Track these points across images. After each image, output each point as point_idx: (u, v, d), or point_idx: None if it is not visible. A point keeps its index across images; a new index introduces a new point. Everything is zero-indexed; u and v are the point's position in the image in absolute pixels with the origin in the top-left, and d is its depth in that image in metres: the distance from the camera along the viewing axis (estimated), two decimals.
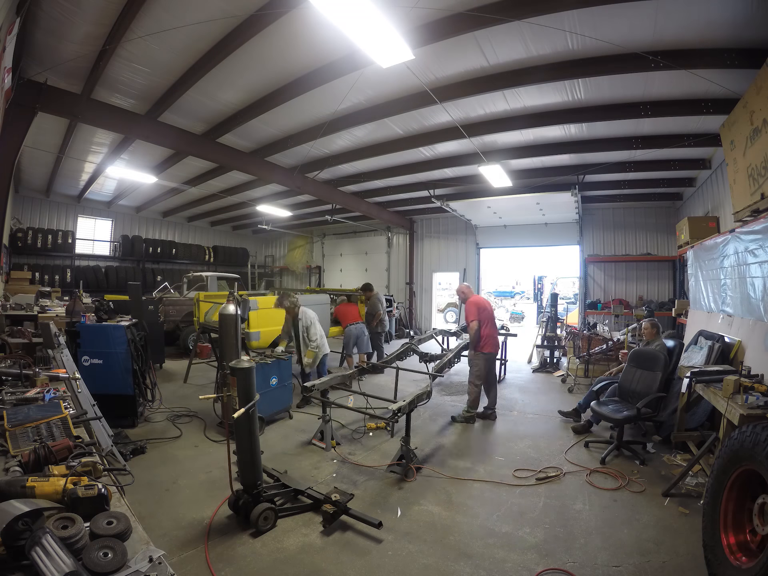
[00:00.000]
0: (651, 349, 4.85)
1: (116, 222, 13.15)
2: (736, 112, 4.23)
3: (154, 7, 3.83)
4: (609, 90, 5.19)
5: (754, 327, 3.96)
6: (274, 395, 4.97)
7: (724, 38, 3.97)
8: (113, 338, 4.73)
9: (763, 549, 2.11)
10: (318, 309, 7.10)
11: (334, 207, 11.44)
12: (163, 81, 5.29)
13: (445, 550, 2.81)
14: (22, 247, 10.57)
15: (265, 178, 8.47)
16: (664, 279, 9.96)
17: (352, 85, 4.95)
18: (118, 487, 1.57)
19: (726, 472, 2.46)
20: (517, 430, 5.10)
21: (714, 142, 5.57)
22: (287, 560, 2.67)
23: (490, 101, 5.65)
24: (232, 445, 3.05)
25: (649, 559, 2.70)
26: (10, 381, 2.64)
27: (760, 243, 3.93)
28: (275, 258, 17.98)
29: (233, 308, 4.51)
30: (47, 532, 1.07)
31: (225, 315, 4.50)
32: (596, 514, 3.26)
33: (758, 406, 2.82)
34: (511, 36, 4.19)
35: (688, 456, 4.06)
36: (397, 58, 3.72)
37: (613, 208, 10.42)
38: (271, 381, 4.96)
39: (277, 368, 5.06)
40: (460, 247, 12.94)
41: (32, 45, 4.34)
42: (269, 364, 4.93)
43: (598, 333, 8.05)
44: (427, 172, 8.76)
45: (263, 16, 3.78)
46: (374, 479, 3.80)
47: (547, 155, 7.41)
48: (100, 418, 2.84)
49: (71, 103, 5.09)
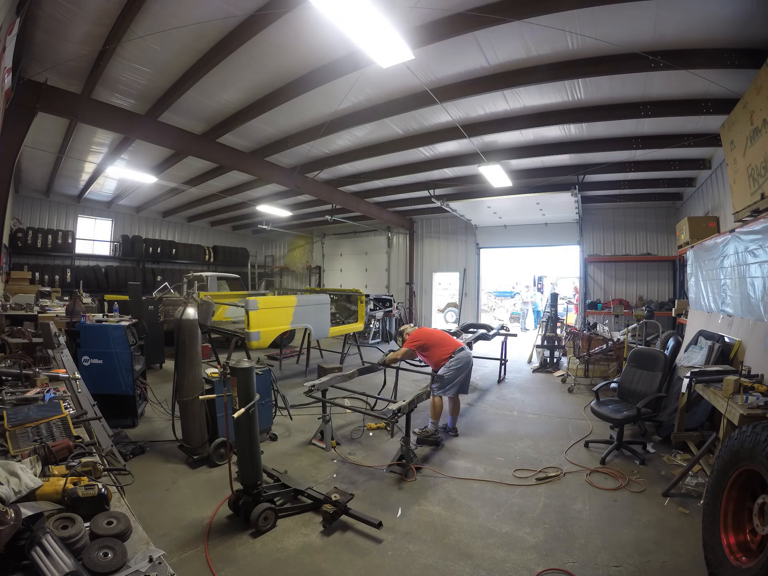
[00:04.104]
0: (651, 349, 4.85)
1: (116, 222, 13.13)
2: (736, 112, 4.23)
3: (154, 7, 3.83)
4: (609, 90, 5.18)
5: (754, 327, 3.96)
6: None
7: (724, 38, 3.97)
8: (113, 338, 4.73)
9: (763, 549, 2.11)
10: (318, 309, 7.11)
11: (334, 207, 11.44)
12: (163, 81, 5.29)
13: (445, 550, 2.81)
14: (22, 247, 10.56)
15: (265, 178, 8.47)
16: (664, 279, 9.96)
17: (352, 85, 4.95)
18: (118, 487, 1.57)
19: (726, 472, 2.46)
20: (517, 430, 5.09)
21: (714, 142, 5.57)
22: (287, 560, 2.67)
23: (490, 101, 5.64)
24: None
25: (649, 559, 2.70)
26: (10, 381, 2.64)
27: (760, 243, 3.93)
28: (275, 258, 17.98)
29: (193, 312, 3.90)
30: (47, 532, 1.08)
31: (184, 321, 3.83)
32: (596, 514, 3.26)
33: (758, 406, 2.82)
34: (511, 36, 4.19)
35: (688, 456, 4.06)
36: (397, 58, 3.72)
37: (613, 208, 10.41)
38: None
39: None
40: (460, 247, 12.94)
41: (32, 45, 4.34)
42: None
43: (598, 333, 8.05)
44: (427, 172, 8.76)
45: (263, 16, 3.78)
46: (374, 479, 3.80)
47: (547, 155, 7.40)
48: (100, 418, 2.84)
49: (71, 103, 5.09)
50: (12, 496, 1.22)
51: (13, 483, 1.27)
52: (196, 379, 3.99)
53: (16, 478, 1.29)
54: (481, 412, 5.77)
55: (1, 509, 1.07)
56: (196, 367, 3.98)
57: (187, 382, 3.94)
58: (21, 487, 1.27)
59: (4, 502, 1.15)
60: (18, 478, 1.29)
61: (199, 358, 4.03)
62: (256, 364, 4.49)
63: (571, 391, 6.81)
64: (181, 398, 3.94)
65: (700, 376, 3.70)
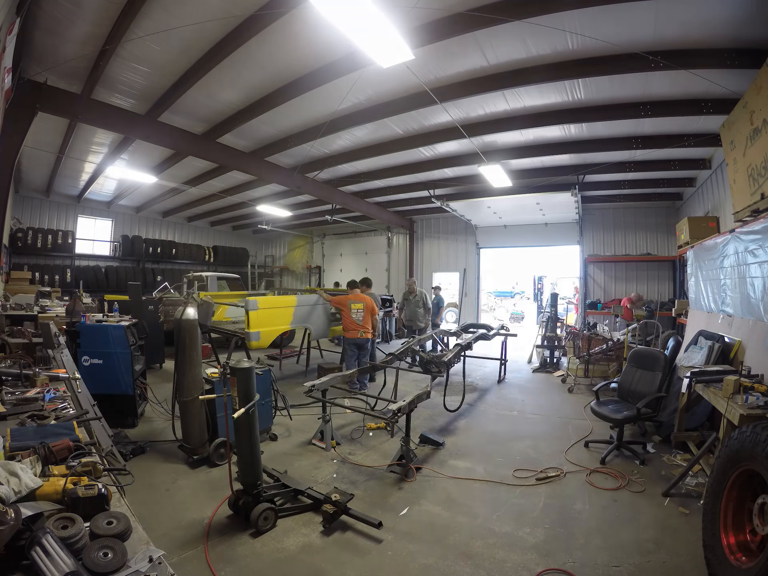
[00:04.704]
0: (651, 349, 4.85)
1: (116, 222, 13.15)
2: (736, 112, 4.23)
3: (154, 7, 3.83)
4: (609, 90, 5.19)
5: (754, 327, 3.96)
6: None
7: (724, 38, 3.97)
8: (113, 338, 4.72)
9: (763, 549, 2.11)
10: (318, 309, 7.10)
11: (334, 207, 11.44)
12: (163, 81, 5.29)
13: (445, 550, 2.81)
14: (22, 247, 10.57)
15: (265, 178, 8.48)
16: (664, 279, 9.96)
17: (352, 85, 4.95)
18: (118, 487, 1.57)
19: (726, 472, 2.46)
20: (517, 430, 5.09)
21: (714, 142, 5.57)
22: (287, 560, 2.67)
23: (490, 101, 5.65)
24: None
25: (649, 559, 2.70)
26: (10, 381, 2.64)
27: (760, 243, 3.93)
28: (275, 258, 17.98)
29: (193, 312, 3.87)
30: (47, 532, 1.08)
31: (184, 321, 3.82)
32: (596, 514, 3.26)
33: (758, 406, 2.82)
34: (511, 36, 4.19)
35: (688, 456, 4.06)
36: (397, 58, 3.73)
37: (613, 208, 10.41)
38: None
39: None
40: (460, 247, 12.95)
41: (32, 45, 4.34)
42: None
43: (598, 333, 8.05)
44: (427, 172, 8.77)
45: (263, 16, 3.78)
46: (374, 479, 3.80)
47: (547, 155, 7.41)
48: (100, 418, 2.84)
49: (71, 103, 5.10)
50: (12, 496, 1.22)
51: (13, 483, 1.27)
52: (196, 379, 3.98)
53: (16, 478, 1.29)
54: (481, 412, 5.77)
55: (1, 509, 1.07)
56: (196, 367, 3.97)
57: (187, 382, 3.93)
58: (21, 487, 1.27)
59: (4, 502, 1.16)
60: (18, 478, 1.29)
61: (199, 358, 4.02)
62: (256, 364, 4.46)
63: (571, 391, 6.81)
64: (181, 398, 3.94)
65: (700, 376, 3.70)
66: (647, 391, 4.39)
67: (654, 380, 4.44)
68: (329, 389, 4.80)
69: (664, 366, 4.48)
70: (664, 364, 4.49)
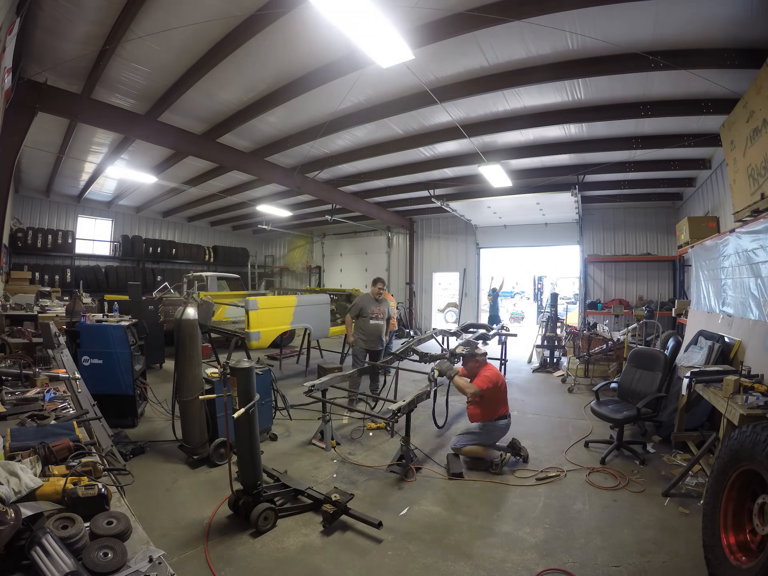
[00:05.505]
0: (651, 349, 4.85)
1: (116, 222, 13.14)
2: (736, 112, 4.23)
3: (154, 7, 3.83)
4: (609, 90, 5.18)
5: (754, 327, 3.96)
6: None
7: (724, 38, 3.97)
8: (113, 338, 4.72)
9: (763, 549, 2.11)
10: (318, 309, 7.11)
11: (334, 207, 11.44)
12: (163, 81, 5.29)
13: (445, 550, 2.81)
14: (22, 247, 10.56)
15: (265, 178, 8.47)
16: (664, 279, 9.96)
17: (352, 85, 4.95)
18: (118, 487, 1.57)
19: (726, 472, 2.46)
20: (517, 430, 5.06)
21: (714, 142, 5.57)
22: (287, 560, 2.67)
23: (490, 101, 5.64)
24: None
25: (649, 559, 2.70)
26: (10, 381, 2.64)
27: (760, 243, 3.94)
28: (275, 258, 17.98)
29: (193, 312, 3.86)
30: (47, 532, 1.08)
31: (184, 321, 3.80)
32: (596, 514, 3.26)
33: (758, 406, 2.82)
34: (511, 36, 4.19)
35: (688, 456, 4.06)
36: (397, 58, 3.72)
37: (613, 208, 10.41)
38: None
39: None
40: (460, 247, 12.94)
41: (32, 45, 4.34)
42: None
43: (598, 333, 8.05)
44: (427, 172, 8.75)
45: (263, 16, 3.78)
46: (374, 479, 3.80)
47: (547, 155, 7.40)
48: (100, 418, 2.84)
49: (71, 103, 5.09)
50: (12, 496, 1.22)
51: (13, 483, 1.27)
52: (196, 379, 3.99)
53: (16, 478, 1.29)
54: None
55: (1, 509, 1.07)
56: (196, 367, 3.97)
57: (187, 382, 3.94)
58: (21, 487, 1.27)
59: (4, 502, 1.16)
60: (18, 478, 1.29)
61: (199, 358, 4.01)
62: (256, 364, 4.45)
63: (571, 391, 6.81)
64: (181, 398, 3.94)
65: (700, 376, 3.70)
66: (647, 391, 4.39)
67: (654, 380, 4.44)
68: (329, 389, 4.80)
69: (664, 366, 4.48)
70: (664, 364, 4.50)
